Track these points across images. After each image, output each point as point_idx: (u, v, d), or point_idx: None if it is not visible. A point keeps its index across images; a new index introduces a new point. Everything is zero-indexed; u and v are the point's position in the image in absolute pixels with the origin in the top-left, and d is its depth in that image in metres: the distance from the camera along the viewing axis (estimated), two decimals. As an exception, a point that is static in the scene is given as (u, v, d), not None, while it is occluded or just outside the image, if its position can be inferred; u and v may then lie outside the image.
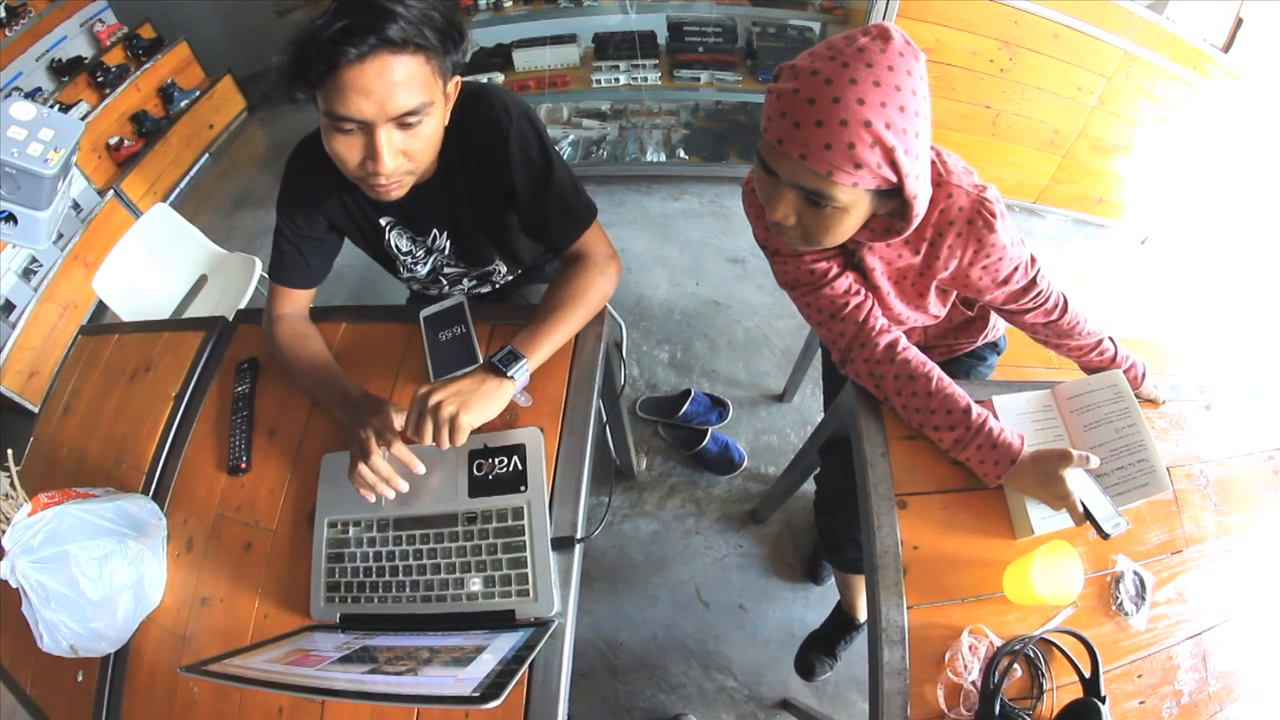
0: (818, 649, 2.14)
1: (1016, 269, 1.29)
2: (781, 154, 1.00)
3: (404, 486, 1.22)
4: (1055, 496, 1.19)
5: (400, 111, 1.13)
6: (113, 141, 3.94)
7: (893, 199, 1.08)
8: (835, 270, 1.30)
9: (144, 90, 4.20)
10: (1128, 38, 3.06)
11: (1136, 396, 1.37)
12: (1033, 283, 1.34)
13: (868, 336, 1.30)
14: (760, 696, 2.21)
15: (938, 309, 1.45)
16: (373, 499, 1.20)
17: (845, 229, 1.10)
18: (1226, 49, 3.19)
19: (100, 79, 4.03)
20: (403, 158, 1.20)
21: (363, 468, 1.20)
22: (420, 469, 1.22)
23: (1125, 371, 1.41)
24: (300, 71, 1.08)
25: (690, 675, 2.23)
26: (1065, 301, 1.41)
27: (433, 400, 1.15)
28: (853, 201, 1.03)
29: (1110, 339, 1.47)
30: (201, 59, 4.57)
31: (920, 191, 1.05)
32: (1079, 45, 3.07)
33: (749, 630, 2.32)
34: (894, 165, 0.98)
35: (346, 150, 1.17)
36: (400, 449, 1.22)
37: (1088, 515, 1.16)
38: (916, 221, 1.10)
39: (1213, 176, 3.64)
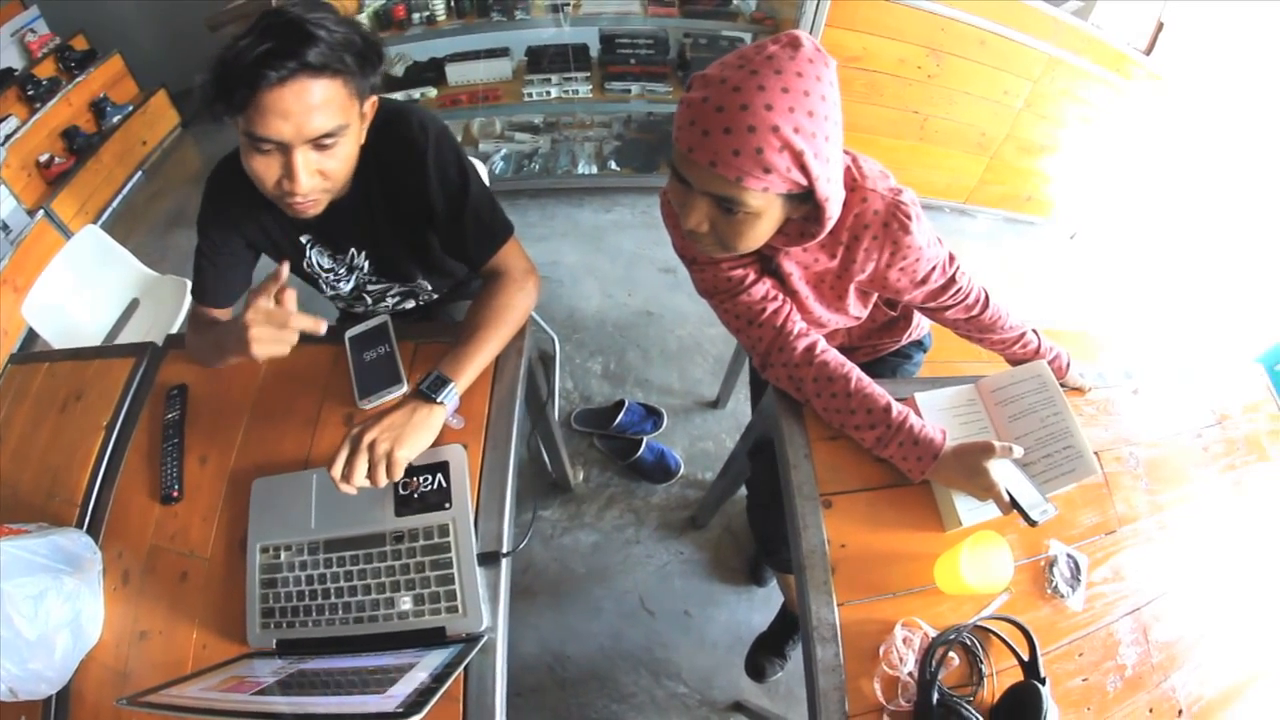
0: (767, 650, 2.16)
1: (934, 269, 1.32)
2: (692, 162, 1.02)
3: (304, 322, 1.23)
4: (980, 488, 1.22)
5: (317, 134, 1.16)
6: (43, 158, 3.81)
7: (805, 203, 1.10)
8: (752, 277, 1.32)
9: (75, 104, 4.08)
10: (1052, 42, 3.15)
11: (1062, 385, 1.41)
12: (951, 280, 1.37)
13: (785, 341, 1.32)
14: (712, 700, 2.22)
15: (858, 310, 1.47)
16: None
17: (759, 234, 1.12)
18: (1148, 51, 3.31)
19: (30, 92, 3.89)
20: (319, 177, 1.23)
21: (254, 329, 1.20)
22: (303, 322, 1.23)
23: (1050, 362, 1.45)
24: (222, 94, 1.09)
25: (640, 684, 2.24)
26: (986, 297, 1.45)
27: (366, 439, 1.16)
28: (764, 206, 1.05)
29: (1034, 331, 1.52)
30: (135, 72, 4.46)
31: (832, 194, 1.07)
32: (1005, 50, 3.16)
33: (696, 635, 2.33)
34: (803, 169, 1.00)
35: (264, 170, 1.19)
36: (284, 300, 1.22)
37: (1014, 504, 1.19)
38: (830, 224, 1.12)
39: (1137, 173, 3.77)
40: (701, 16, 3.33)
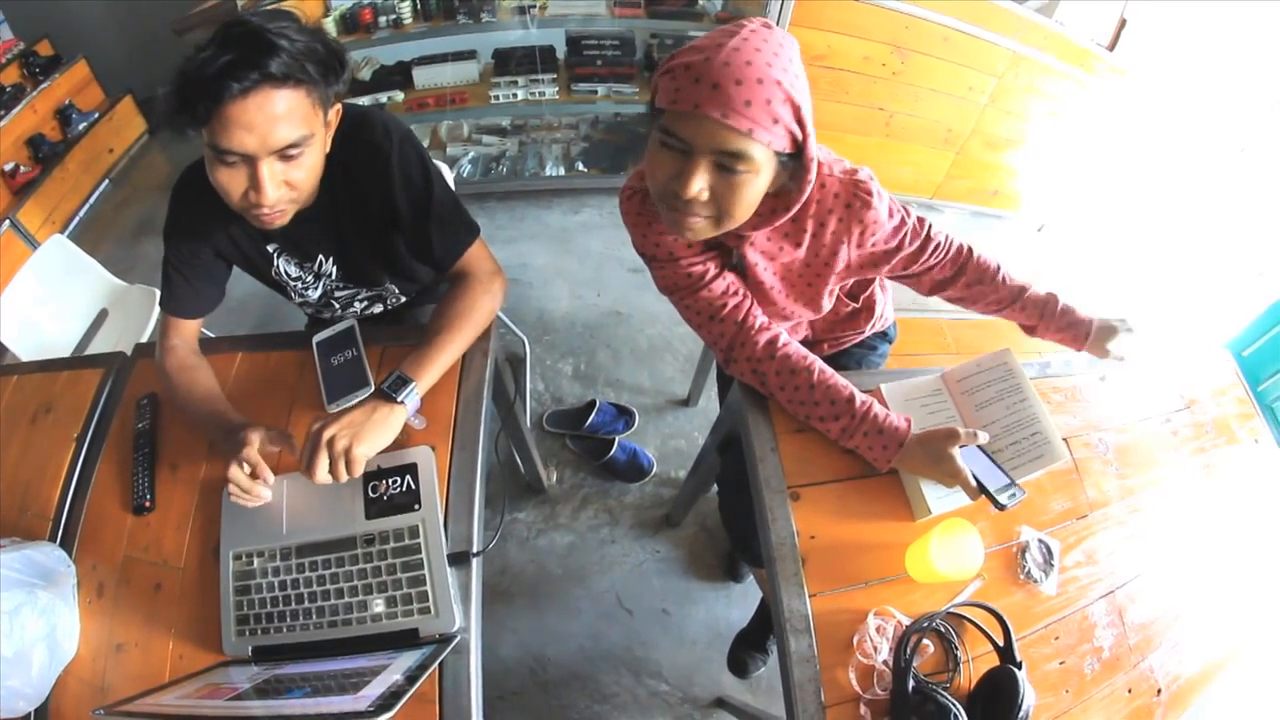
0: (748, 646, 2.17)
1: (905, 234, 1.35)
2: (699, 118, 1.01)
3: (266, 495, 1.28)
4: (946, 475, 1.23)
5: (282, 145, 1.16)
6: (8, 168, 3.72)
7: (787, 167, 1.11)
8: (712, 272, 1.33)
9: (41, 112, 3.99)
10: (1016, 39, 3.19)
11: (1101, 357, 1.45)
12: (927, 239, 1.39)
13: (747, 335, 1.34)
14: (694, 697, 2.22)
15: (827, 302, 1.48)
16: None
17: (754, 199, 1.12)
18: (1112, 47, 3.36)
19: None
20: (285, 187, 1.23)
21: (231, 486, 1.25)
22: (265, 496, 1.28)
23: (1068, 329, 1.49)
24: (185, 106, 1.09)
25: (622, 683, 2.24)
26: (969, 249, 1.47)
27: (325, 435, 1.17)
28: (765, 163, 1.06)
29: (1048, 293, 1.51)
30: (101, 78, 4.37)
31: (815, 154, 1.09)
32: (969, 47, 3.18)
33: (675, 633, 2.34)
34: (800, 122, 1.03)
35: (230, 181, 1.19)
36: (260, 472, 1.27)
37: (982, 489, 1.21)
38: (808, 189, 1.14)
39: (1103, 166, 3.81)
40: (667, 17, 3.34)
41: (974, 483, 1.21)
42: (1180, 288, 3.67)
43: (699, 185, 1.08)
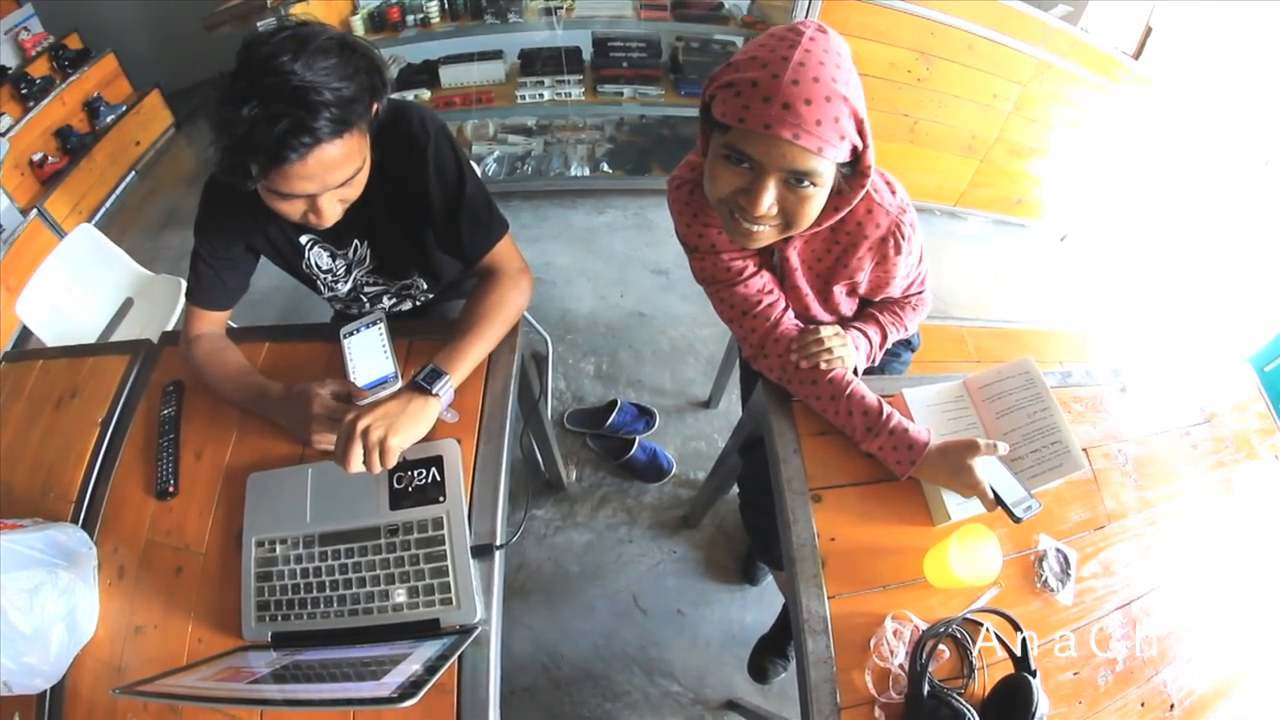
0: (769, 651, 2.16)
1: (904, 284, 1.40)
2: (770, 138, 1.00)
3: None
4: (965, 485, 1.23)
5: (340, 183, 1.19)
6: (36, 158, 3.80)
7: (843, 172, 1.10)
8: (751, 269, 1.35)
9: (69, 104, 4.05)
10: (1041, 47, 3.17)
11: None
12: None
13: (779, 334, 1.35)
14: (706, 699, 2.22)
15: (848, 308, 1.50)
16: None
17: (818, 207, 1.12)
18: (1137, 56, 3.33)
19: (24, 91, 3.86)
20: (341, 205, 1.27)
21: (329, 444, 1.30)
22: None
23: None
24: (239, 171, 1.11)
25: (634, 682, 2.24)
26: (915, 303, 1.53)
27: (360, 425, 1.17)
28: (830, 175, 1.06)
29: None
30: (129, 72, 4.43)
31: (872, 161, 1.09)
32: (994, 54, 3.17)
33: (688, 634, 2.34)
34: (861, 134, 1.03)
35: (288, 207, 1.22)
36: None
37: (999, 500, 1.20)
38: (861, 194, 1.14)
39: (1126, 175, 3.79)
40: (694, 20, 3.35)
41: (991, 494, 1.20)
42: (1202, 301, 3.64)
43: (769, 202, 1.08)
